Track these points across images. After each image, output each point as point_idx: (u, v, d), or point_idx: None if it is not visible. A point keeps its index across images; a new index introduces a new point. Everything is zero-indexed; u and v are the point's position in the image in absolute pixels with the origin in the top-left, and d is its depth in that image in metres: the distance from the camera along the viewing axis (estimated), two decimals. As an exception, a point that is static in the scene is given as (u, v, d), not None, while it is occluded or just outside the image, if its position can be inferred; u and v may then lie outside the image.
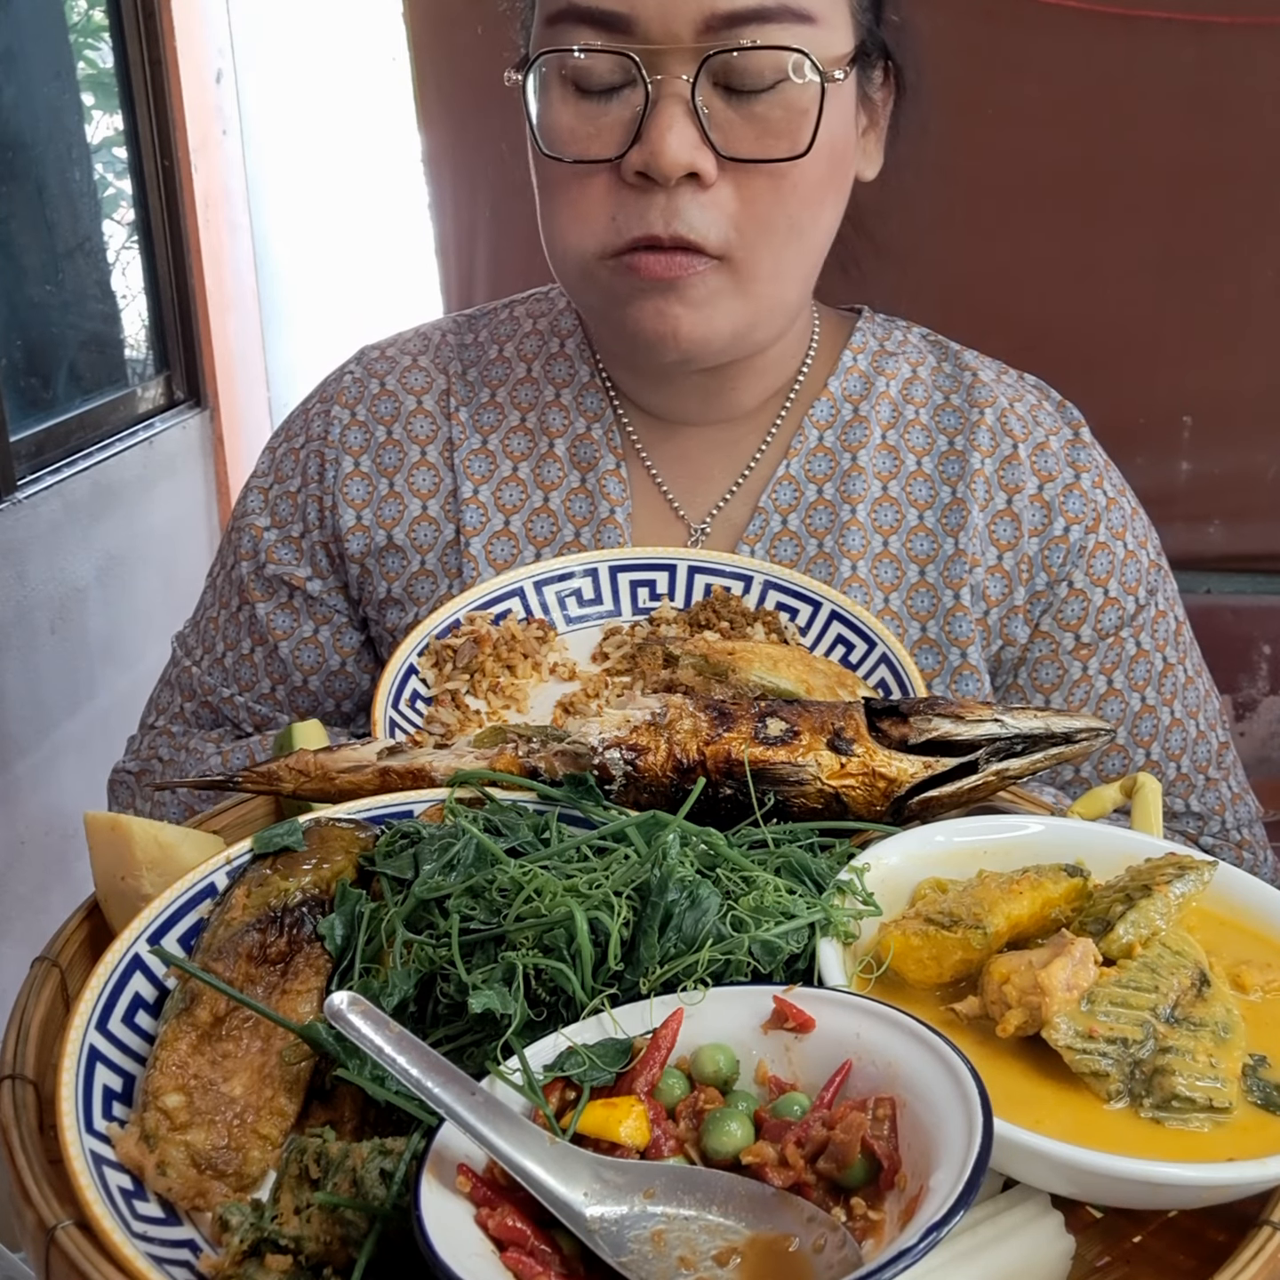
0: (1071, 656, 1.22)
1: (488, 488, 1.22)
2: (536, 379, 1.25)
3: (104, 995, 0.70)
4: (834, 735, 0.82)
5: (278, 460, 1.29)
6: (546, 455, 1.22)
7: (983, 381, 1.25)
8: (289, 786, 0.84)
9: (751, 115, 1.03)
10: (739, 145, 1.03)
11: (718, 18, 1.00)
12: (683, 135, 1.01)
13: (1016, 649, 1.22)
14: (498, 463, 1.22)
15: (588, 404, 1.23)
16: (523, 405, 1.24)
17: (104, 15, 2.89)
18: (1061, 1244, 0.64)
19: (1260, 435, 2.02)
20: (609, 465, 1.21)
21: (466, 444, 1.23)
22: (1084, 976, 0.67)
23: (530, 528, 1.21)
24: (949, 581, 1.19)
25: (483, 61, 2.03)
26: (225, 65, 3.08)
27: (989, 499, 1.20)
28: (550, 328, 1.27)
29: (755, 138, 1.03)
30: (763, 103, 1.02)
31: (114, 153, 2.99)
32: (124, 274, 3.06)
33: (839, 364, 1.24)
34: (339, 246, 3.39)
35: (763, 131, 1.03)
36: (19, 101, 2.71)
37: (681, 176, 1.02)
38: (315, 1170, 0.63)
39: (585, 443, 1.22)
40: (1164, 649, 1.25)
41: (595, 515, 1.20)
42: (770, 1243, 0.59)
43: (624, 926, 0.68)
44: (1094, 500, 1.22)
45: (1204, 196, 1.90)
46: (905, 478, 1.21)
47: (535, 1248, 0.58)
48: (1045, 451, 1.22)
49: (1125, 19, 1.82)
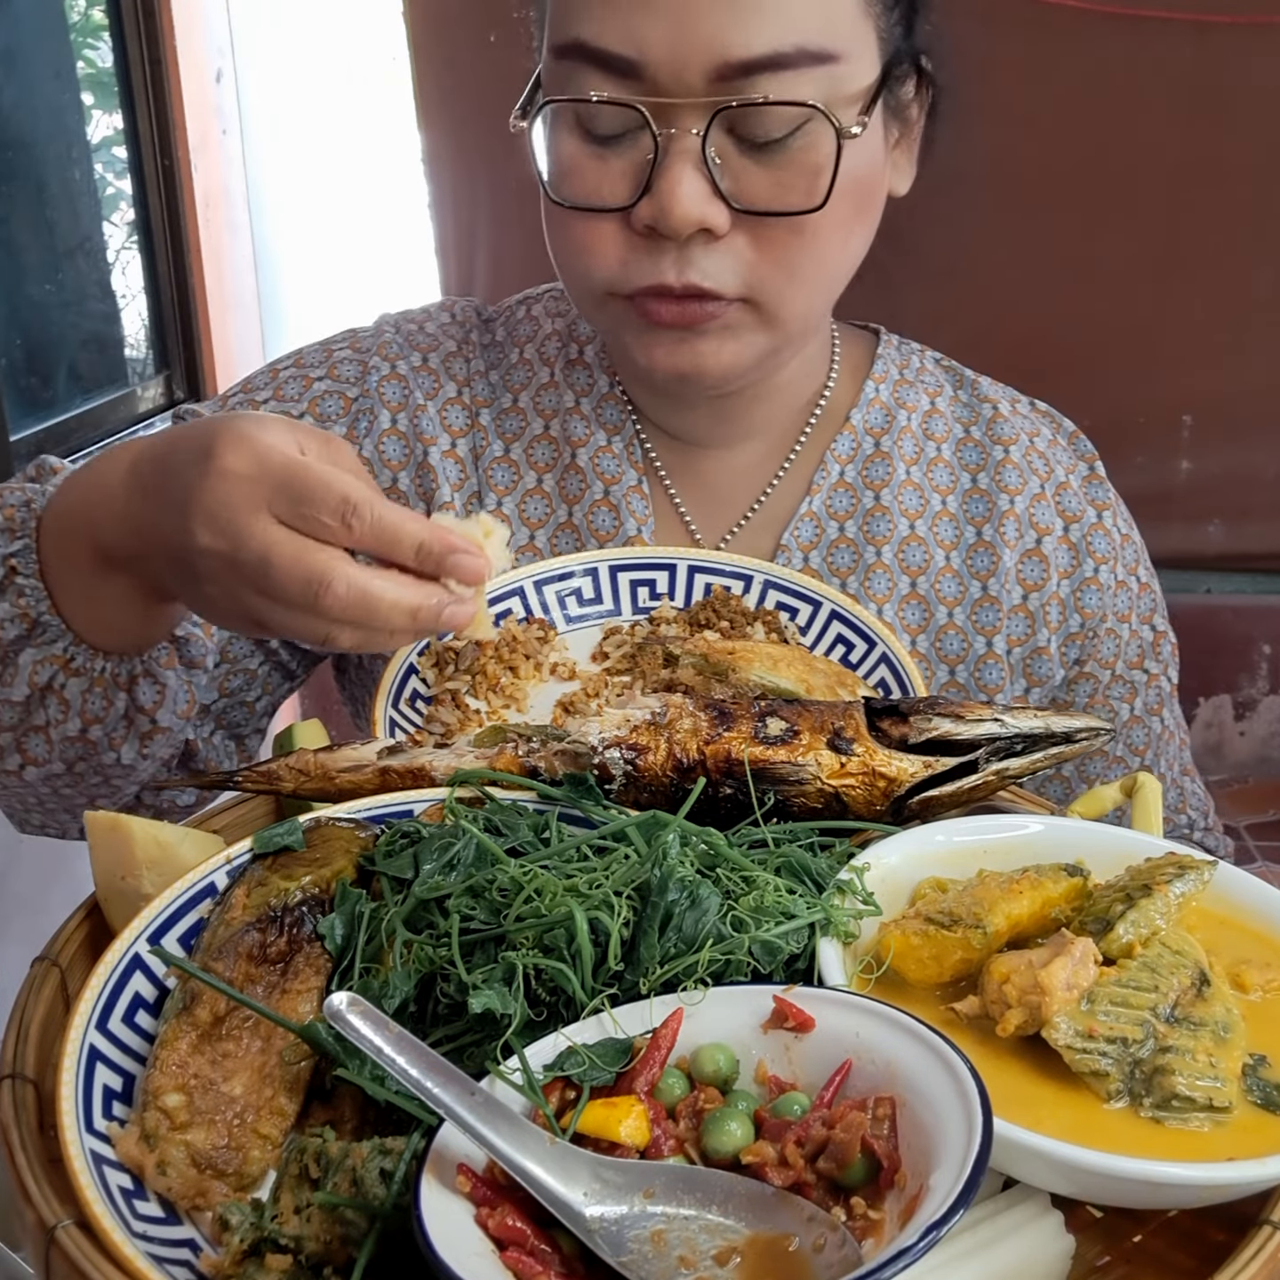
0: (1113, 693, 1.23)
1: (512, 500, 1.19)
2: (559, 383, 1.21)
3: (104, 995, 0.70)
4: (834, 735, 0.82)
5: (280, 381, 1.20)
6: (570, 467, 1.19)
7: (1003, 416, 1.23)
8: (289, 786, 0.84)
9: (766, 165, 0.98)
10: (753, 197, 0.99)
11: (731, 67, 0.95)
12: (693, 190, 0.97)
13: (1046, 689, 1.22)
14: (521, 474, 1.19)
15: (607, 416, 1.19)
16: (546, 412, 1.20)
17: (104, 14, 2.89)
18: (1061, 1243, 0.64)
19: (1260, 435, 2.02)
20: (631, 481, 1.18)
21: (489, 451, 1.19)
22: (1084, 976, 0.67)
23: (555, 543, 1.18)
24: (979, 628, 1.18)
25: (483, 62, 2.03)
26: (225, 65, 3.08)
27: (1019, 538, 1.20)
28: (569, 331, 1.23)
29: (770, 189, 0.99)
30: (778, 153, 0.98)
31: (114, 152, 2.99)
32: (124, 274, 3.06)
33: (862, 395, 1.21)
34: (339, 246, 3.39)
35: (777, 182, 0.99)
36: (19, 101, 2.71)
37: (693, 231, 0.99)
38: (315, 1170, 0.63)
39: (606, 455, 1.18)
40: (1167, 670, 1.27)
41: (621, 531, 1.17)
42: (770, 1242, 0.59)
43: (624, 926, 0.68)
44: (1114, 539, 1.23)
45: (1204, 196, 1.90)
46: (931, 517, 1.19)
47: (535, 1247, 0.58)
48: (1067, 491, 1.22)
49: (1125, 19, 1.82)
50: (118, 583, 0.92)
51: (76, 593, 0.94)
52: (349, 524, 0.79)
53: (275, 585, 0.79)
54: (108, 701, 0.97)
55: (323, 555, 0.79)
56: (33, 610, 0.94)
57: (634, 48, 0.96)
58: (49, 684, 0.96)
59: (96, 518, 0.90)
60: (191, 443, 0.83)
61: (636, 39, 0.95)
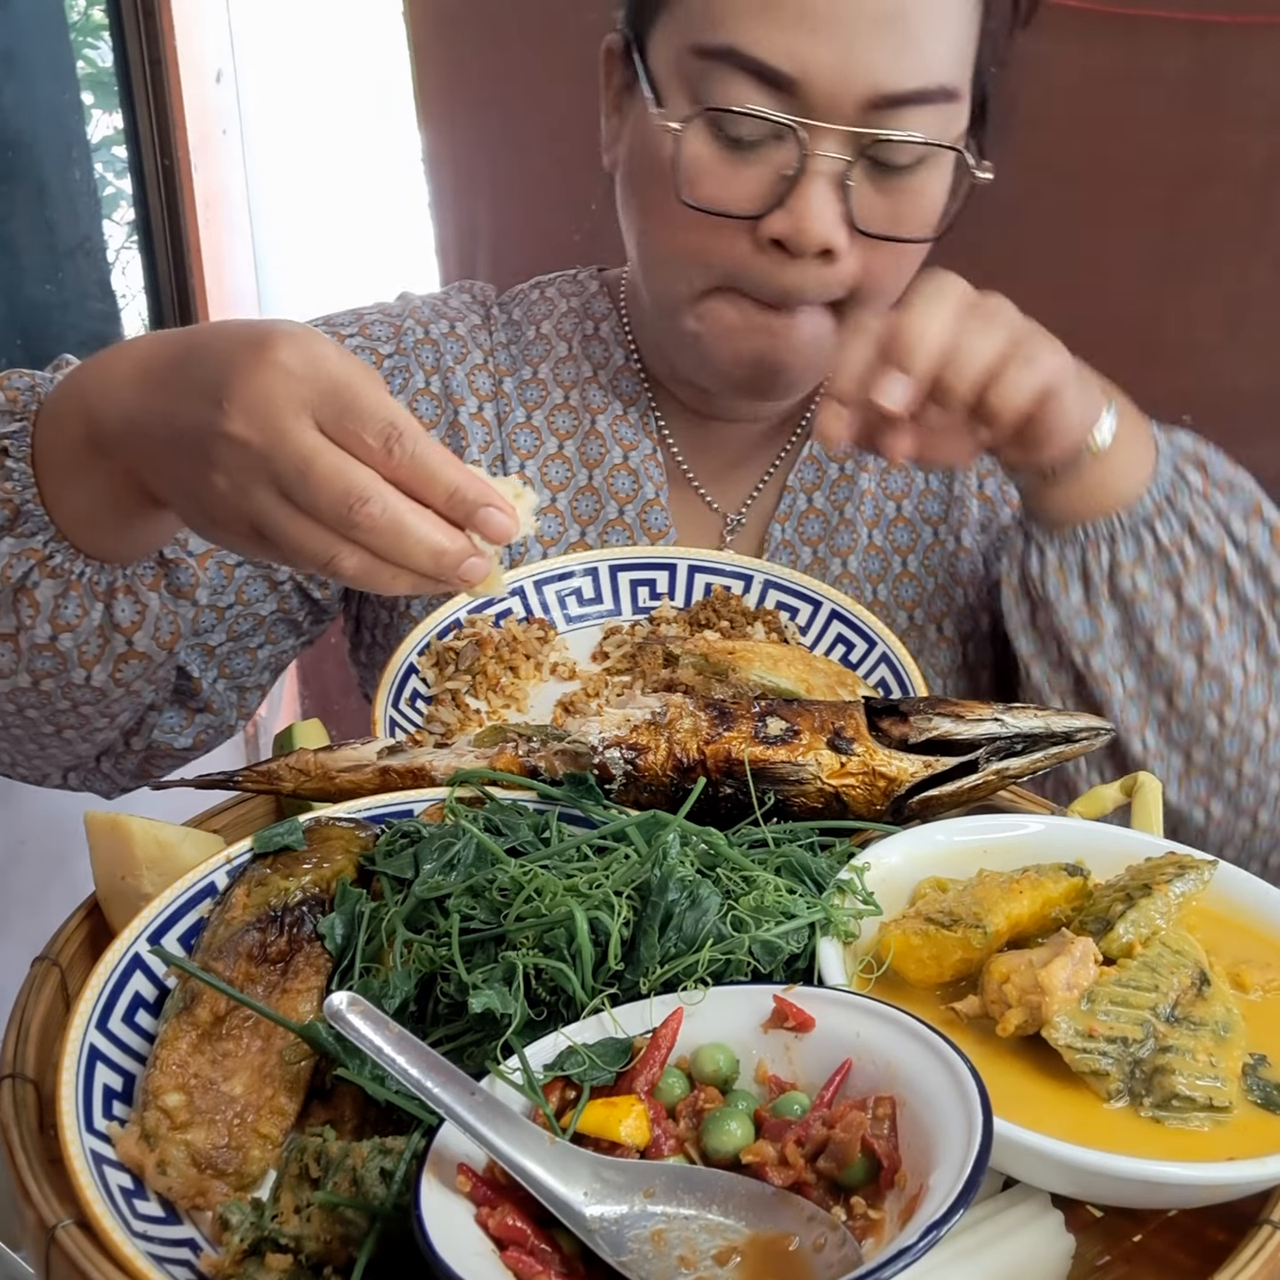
0: None
1: (534, 463, 1.22)
2: (576, 356, 1.25)
3: (104, 994, 0.70)
4: (834, 735, 0.82)
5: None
6: (590, 433, 1.23)
7: None
8: (289, 785, 0.84)
9: (890, 191, 1.04)
10: (874, 222, 1.04)
11: (885, 98, 0.99)
12: (829, 213, 1.01)
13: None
14: (543, 439, 1.23)
15: (622, 387, 1.24)
16: (565, 383, 1.24)
17: (104, 14, 2.89)
18: (1061, 1243, 0.64)
19: (1260, 435, 2.01)
20: (647, 450, 1.22)
21: (512, 416, 1.23)
22: (1084, 976, 0.67)
23: (576, 506, 1.22)
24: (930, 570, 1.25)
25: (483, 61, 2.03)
26: (225, 65, 3.07)
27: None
28: (583, 309, 1.27)
29: (889, 214, 1.04)
30: (902, 180, 1.03)
31: (114, 152, 2.99)
32: (124, 273, 3.06)
33: None
34: (339, 246, 3.38)
35: (896, 209, 1.04)
36: (19, 101, 2.71)
37: None
38: (315, 1169, 0.63)
39: (623, 423, 1.23)
40: None
41: (640, 494, 1.21)
42: (770, 1242, 0.59)
43: (624, 926, 0.68)
44: None
45: (1204, 196, 1.90)
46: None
47: (535, 1247, 0.58)
48: None
49: (1125, 19, 1.82)
50: (104, 471, 0.88)
51: (62, 479, 0.91)
52: (390, 449, 0.77)
53: (308, 489, 0.76)
54: (82, 610, 0.94)
55: (364, 472, 0.77)
56: (17, 497, 0.92)
57: (795, 66, 0.98)
58: (23, 582, 0.93)
59: (93, 403, 0.87)
60: (235, 334, 0.81)
61: (799, 57, 0.98)
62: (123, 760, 1.17)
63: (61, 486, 0.91)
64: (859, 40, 0.97)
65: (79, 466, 0.89)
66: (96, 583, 0.94)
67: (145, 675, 1.01)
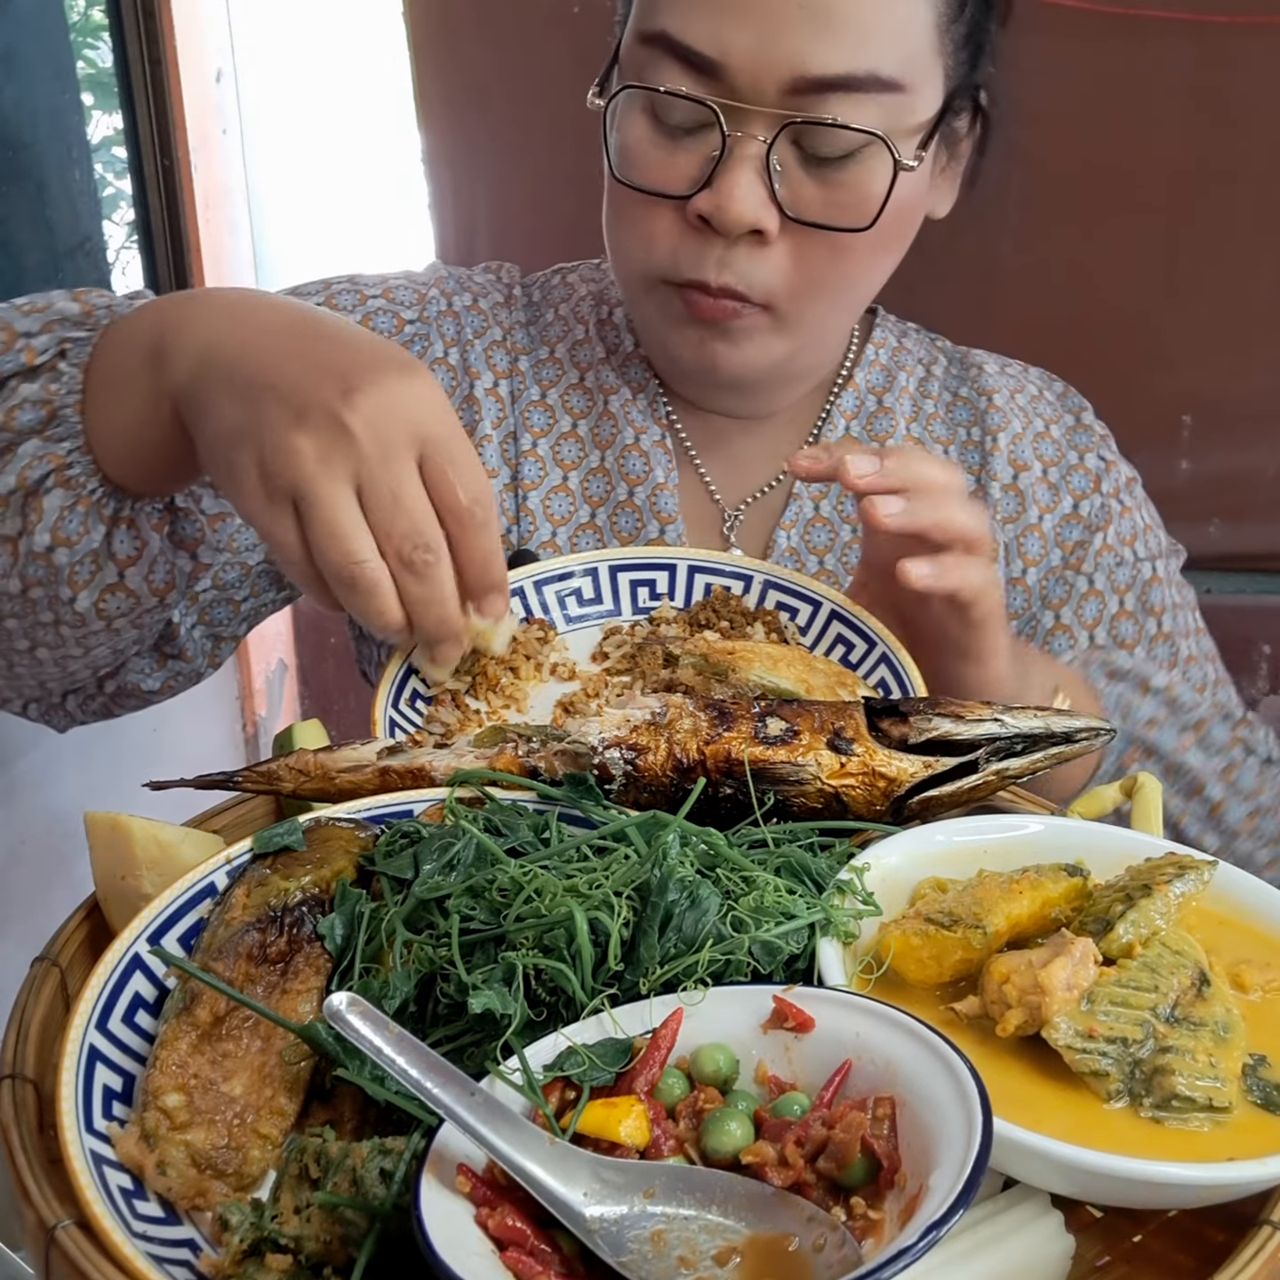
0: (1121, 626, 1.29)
1: (546, 441, 1.23)
2: (592, 339, 1.26)
3: (104, 995, 0.69)
4: (834, 735, 0.82)
5: (333, 290, 1.23)
6: (604, 414, 1.24)
7: (987, 373, 1.30)
8: (289, 786, 0.84)
9: (823, 181, 1.04)
10: (805, 208, 1.04)
11: (806, 81, 1.00)
12: (751, 193, 1.02)
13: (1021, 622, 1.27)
14: (557, 417, 1.24)
15: (632, 375, 1.25)
16: (581, 364, 1.26)
17: (104, 14, 2.89)
18: (1061, 1244, 0.64)
19: (1260, 435, 2.01)
20: (655, 436, 1.23)
21: (527, 394, 1.24)
22: (1084, 976, 0.67)
23: (586, 487, 1.23)
24: None
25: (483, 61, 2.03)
26: (225, 65, 3.07)
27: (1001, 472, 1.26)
28: (600, 294, 1.29)
29: (823, 203, 1.04)
30: (836, 171, 1.03)
31: (114, 152, 2.99)
32: (124, 274, 3.06)
33: (863, 357, 1.28)
34: (339, 246, 3.39)
35: (831, 199, 1.04)
36: (19, 101, 2.71)
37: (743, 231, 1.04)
38: (315, 1170, 0.63)
39: (633, 407, 1.24)
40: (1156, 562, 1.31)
41: (651, 477, 1.22)
42: (770, 1242, 0.59)
43: (624, 926, 0.68)
44: (1092, 474, 1.27)
45: (1204, 196, 1.90)
46: None
47: (535, 1247, 0.58)
48: (1046, 440, 1.27)
49: (1125, 19, 1.82)
50: (150, 388, 0.90)
51: (109, 390, 0.93)
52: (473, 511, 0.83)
53: (387, 512, 0.81)
54: (84, 528, 0.95)
55: (438, 526, 0.83)
56: (58, 400, 0.93)
57: (717, 49, 1.00)
58: (36, 486, 0.94)
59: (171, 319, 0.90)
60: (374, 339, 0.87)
61: (721, 41, 1.00)
62: (90, 700, 1.17)
63: (104, 398, 0.93)
64: (783, 24, 0.99)
65: (129, 378, 0.91)
66: (104, 505, 0.95)
67: (129, 616, 1.01)
